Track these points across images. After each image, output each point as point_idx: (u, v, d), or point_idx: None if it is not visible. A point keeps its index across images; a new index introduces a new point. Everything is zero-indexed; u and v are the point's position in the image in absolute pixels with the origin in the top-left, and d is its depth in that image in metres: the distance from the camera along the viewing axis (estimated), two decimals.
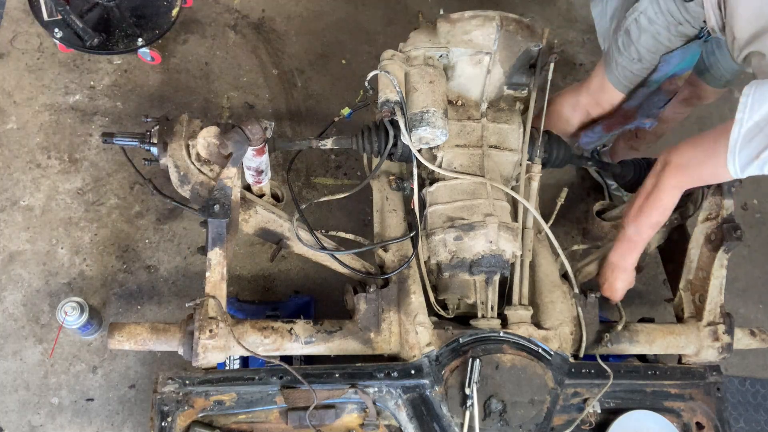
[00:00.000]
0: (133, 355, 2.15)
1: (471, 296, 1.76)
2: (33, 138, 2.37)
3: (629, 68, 1.84)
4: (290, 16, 2.81)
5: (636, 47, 1.78)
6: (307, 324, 1.67)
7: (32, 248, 2.23)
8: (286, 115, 2.62)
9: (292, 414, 1.54)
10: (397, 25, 2.86)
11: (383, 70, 1.68)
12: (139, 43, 2.39)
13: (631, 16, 1.75)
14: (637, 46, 1.78)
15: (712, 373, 1.83)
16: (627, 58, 1.82)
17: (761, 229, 2.79)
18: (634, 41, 1.77)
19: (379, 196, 1.95)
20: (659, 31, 1.72)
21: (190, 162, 1.66)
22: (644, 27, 1.73)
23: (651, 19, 1.71)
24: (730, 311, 1.90)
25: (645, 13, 1.72)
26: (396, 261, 1.77)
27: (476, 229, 1.68)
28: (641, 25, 1.74)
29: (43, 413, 2.05)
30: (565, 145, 1.93)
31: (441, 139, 1.69)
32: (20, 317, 2.15)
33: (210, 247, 1.59)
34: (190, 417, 1.50)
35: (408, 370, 1.60)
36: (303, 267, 2.37)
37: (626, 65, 1.84)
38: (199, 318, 1.54)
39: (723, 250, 1.84)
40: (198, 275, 2.28)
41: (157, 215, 2.34)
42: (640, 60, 1.80)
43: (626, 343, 1.84)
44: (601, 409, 1.71)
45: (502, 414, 1.57)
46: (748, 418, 2.48)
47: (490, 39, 1.74)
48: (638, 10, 1.73)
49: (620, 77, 1.88)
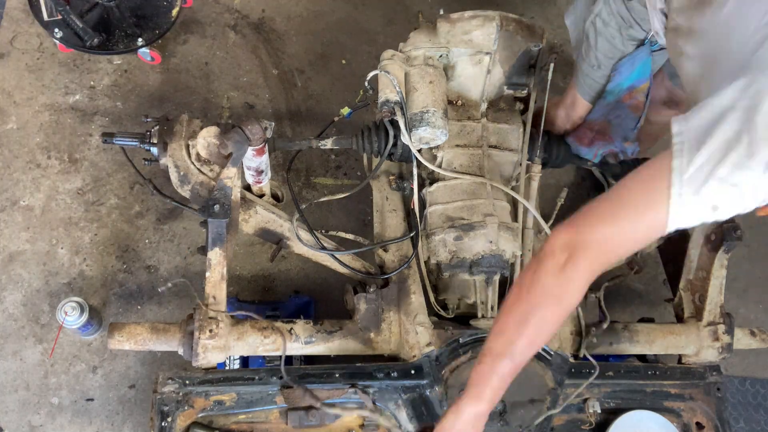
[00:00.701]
0: (133, 355, 2.15)
1: (471, 296, 1.76)
2: (33, 138, 2.37)
3: (591, 75, 1.81)
4: (290, 16, 2.80)
5: (594, 53, 1.75)
6: (307, 324, 1.67)
7: (32, 248, 2.23)
8: (286, 115, 2.62)
9: (292, 414, 1.54)
10: (397, 25, 2.86)
11: (383, 70, 1.68)
12: (139, 43, 2.39)
13: (589, 19, 1.72)
14: (595, 52, 1.75)
15: (712, 373, 1.83)
16: (588, 65, 1.79)
17: (761, 229, 2.79)
18: (592, 46, 1.74)
19: (379, 196, 1.95)
20: (613, 35, 1.69)
21: (190, 162, 1.66)
22: (600, 30, 1.70)
23: (605, 21, 1.68)
24: (730, 311, 1.90)
25: (600, 15, 1.68)
26: (396, 261, 1.77)
27: (476, 229, 1.68)
28: (597, 28, 1.70)
29: (43, 413, 2.05)
30: (565, 145, 1.93)
31: (441, 139, 1.69)
32: (20, 317, 2.15)
33: (210, 247, 1.59)
34: (190, 417, 1.50)
35: (408, 370, 1.60)
36: (303, 267, 2.37)
37: (588, 72, 1.81)
38: (199, 318, 1.54)
39: (723, 250, 1.84)
40: (198, 275, 2.27)
41: (157, 215, 2.34)
42: (599, 66, 1.77)
43: (626, 343, 1.84)
44: (601, 409, 1.71)
45: (502, 414, 1.57)
46: (748, 418, 2.48)
47: (490, 39, 1.74)
48: (594, 13, 1.70)
49: (585, 86, 1.85)
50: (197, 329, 1.53)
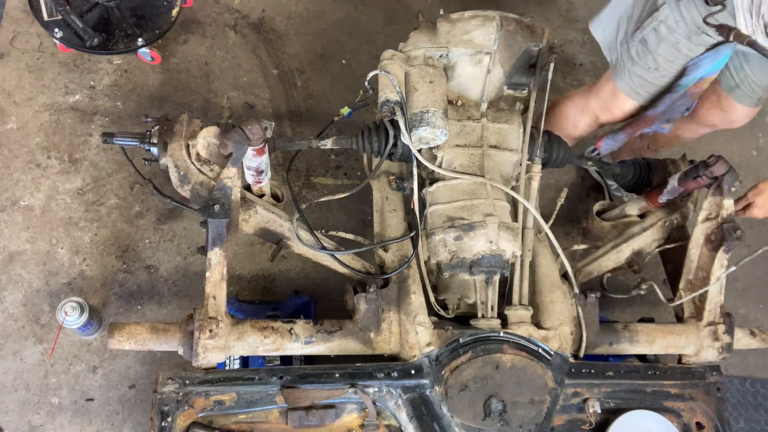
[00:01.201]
0: (133, 355, 2.15)
1: (471, 296, 1.76)
2: (33, 138, 2.37)
3: (644, 77, 1.82)
4: (290, 16, 2.81)
5: (653, 56, 1.76)
6: (307, 324, 1.67)
7: (32, 248, 2.23)
8: (286, 115, 2.62)
9: (292, 414, 1.54)
10: (397, 25, 2.86)
11: (383, 70, 1.68)
12: (139, 43, 2.39)
13: (650, 25, 1.72)
14: (654, 55, 1.76)
15: (712, 373, 1.83)
16: (642, 67, 1.80)
17: (761, 229, 2.79)
18: (651, 50, 1.75)
19: (379, 196, 1.95)
20: (679, 40, 1.69)
21: (190, 162, 1.66)
22: (664, 36, 1.71)
23: (671, 27, 1.69)
24: (730, 311, 1.90)
25: (665, 22, 1.69)
26: (396, 261, 1.77)
27: (476, 229, 1.68)
28: (660, 33, 1.71)
29: (43, 413, 2.05)
30: (565, 145, 1.93)
31: (441, 139, 1.69)
32: (20, 317, 2.15)
33: (210, 247, 1.59)
34: (190, 417, 1.50)
35: (408, 370, 1.60)
36: (303, 267, 2.37)
37: (641, 74, 1.82)
38: (199, 318, 1.54)
39: (723, 250, 1.84)
40: (198, 275, 2.28)
41: (157, 215, 2.34)
42: (657, 69, 1.78)
43: (626, 343, 1.84)
44: (601, 409, 1.71)
45: (502, 414, 1.57)
46: (748, 418, 2.48)
47: (490, 39, 1.74)
48: (658, 19, 1.70)
49: (634, 86, 1.86)
50: (197, 329, 1.53)
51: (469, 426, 1.57)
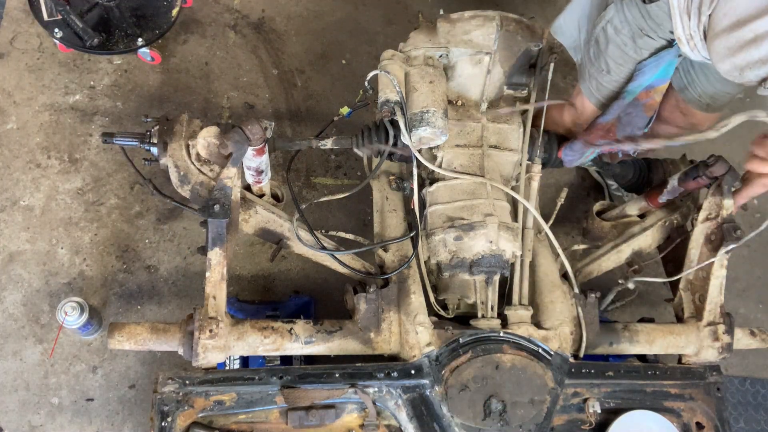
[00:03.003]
0: (133, 355, 2.15)
1: (471, 296, 1.76)
2: (33, 138, 2.37)
3: (599, 79, 1.78)
4: (290, 16, 2.81)
5: (604, 58, 1.72)
6: (307, 324, 1.67)
7: (32, 248, 2.23)
8: (286, 115, 2.62)
9: (292, 414, 1.54)
10: (397, 25, 2.86)
11: (383, 70, 1.68)
12: (139, 43, 2.39)
13: (599, 25, 1.68)
14: (605, 57, 1.71)
15: (712, 373, 1.83)
16: (597, 69, 1.76)
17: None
18: (602, 51, 1.71)
19: (379, 196, 1.95)
20: (625, 42, 1.65)
21: (190, 162, 1.66)
22: (611, 37, 1.67)
23: (617, 28, 1.64)
24: (730, 311, 1.90)
25: (611, 21, 1.64)
26: (396, 261, 1.77)
27: (476, 229, 1.68)
28: (608, 34, 1.67)
29: (43, 413, 2.05)
30: None
31: (441, 139, 1.69)
32: (20, 317, 2.15)
33: (210, 247, 1.59)
34: (190, 417, 1.50)
35: (408, 370, 1.60)
36: (303, 267, 2.37)
37: (596, 76, 1.78)
38: (199, 318, 1.54)
39: (723, 250, 1.84)
40: (198, 275, 2.27)
41: (157, 215, 2.34)
42: (609, 72, 1.74)
43: (626, 343, 1.84)
44: (601, 409, 1.71)
45: (502, 414, 1.57)
46: (748, 418, 2.48)
47: (490, 39, 1.74)
48: (605, 19, 1.66)
49: (592, 89, 1.83)
50: (197, 329, 1.53)
51: (469, 426, 1.57)
